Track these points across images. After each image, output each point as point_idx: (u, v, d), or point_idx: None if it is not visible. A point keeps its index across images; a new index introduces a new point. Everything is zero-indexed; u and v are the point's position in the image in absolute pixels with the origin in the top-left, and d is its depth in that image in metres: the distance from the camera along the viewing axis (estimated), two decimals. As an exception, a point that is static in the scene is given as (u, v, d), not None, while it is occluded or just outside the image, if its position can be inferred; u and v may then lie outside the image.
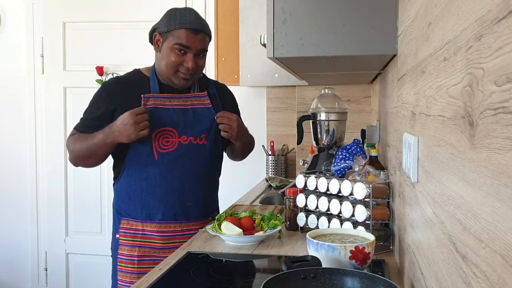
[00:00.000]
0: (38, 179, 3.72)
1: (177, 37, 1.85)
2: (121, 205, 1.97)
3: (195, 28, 1.86)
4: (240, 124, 1.98)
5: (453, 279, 0.72)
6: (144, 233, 1.92)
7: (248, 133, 2.10)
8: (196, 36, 1.86)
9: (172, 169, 1.91)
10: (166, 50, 1.88)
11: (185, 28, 1.85)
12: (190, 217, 1.95)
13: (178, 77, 1.90)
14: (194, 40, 1.86)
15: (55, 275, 3.71)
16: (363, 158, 1.69)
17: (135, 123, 1.79)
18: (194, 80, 1.97)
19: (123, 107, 1.86)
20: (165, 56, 1.88)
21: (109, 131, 1.84)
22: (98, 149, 1.88)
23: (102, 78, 3.49)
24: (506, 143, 0.48)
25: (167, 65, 1.88)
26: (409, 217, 1.21)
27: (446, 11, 0.77)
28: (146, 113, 1.83)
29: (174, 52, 1.86)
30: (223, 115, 1.94)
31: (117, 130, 1.82)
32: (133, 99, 1.89)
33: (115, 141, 1.85)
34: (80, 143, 1.91)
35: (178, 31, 1.85)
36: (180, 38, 1.85)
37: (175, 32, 1.86)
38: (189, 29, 1.85)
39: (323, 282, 1.06)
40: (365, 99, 3.11)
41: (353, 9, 1.49)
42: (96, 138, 1.86)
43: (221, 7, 3.25)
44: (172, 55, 1.86)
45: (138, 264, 1.90)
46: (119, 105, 1.89)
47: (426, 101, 0.95)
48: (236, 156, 2.18)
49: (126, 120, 1.80)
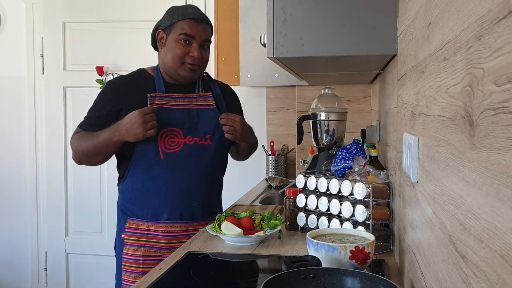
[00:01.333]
0: (38, 179, 3.72)
1: (180, 28, 1.88)
2: (127, 205, 1.97)
3: (198, 18, 1.90)
4: (243, 125, 1.98)
5: (453, 279, 0.72)
6: (149, 233, 1.92)
7: (253, 133, 2.11)
8: (199, 26, 1.89)
9: (178, 169, 1.91)
10: (171, 43, 1.90)
11: (188, 18, 1.88)
12: (195, 217, 1.96)
13: (185, 68, 1.91)
14: (197, 29, 1.89)
15: (55, 275, 3.71)
16: (363, 158, 1.69)
17: (143, 122, 1.79)
18: (201, 73, 1.98)
19: (129, 106, 1.86)
20: (171, 49, 1.90)
21: (116, 129, 1.84)
22: (103, 147, 1.88)
23: (102, 78, 3.49)
24: (506, 143, 0.48)
25: (173, 57, 1.89)
26: (409, 217, 1.21)
27: (446, 11, 0.77)
28: (154, 113, 1.83)
29: (179, 43, 1.88)
30: (226, 116, 1.95)
31: (125, 129, 1.81)
32: (139, 98, 1.89)
33: (121, 140, 1.85)
34: (84, 141, 1.90)
35: (182, 22, 1.88)
36: (184, 28, 1.88)
37: (179, 24, 1.88)
38: (192, 19, 1.89)
39: (323, 282, 1.06)
40: (365, 99, 3.11)
41: (353, 9, 1.48)
42: (102, 136, 1.86)
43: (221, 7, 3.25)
44: (177, 46, 1.88)
45: (143, 264, 1.90)
46: (125, 104, 1.89)
47: (426, 101, 0.95)
48: (240, 156, 2.19)
49: (134, 119, 1.80)
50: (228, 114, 1.96)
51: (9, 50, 3.71)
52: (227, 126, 1.94)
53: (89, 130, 1.92)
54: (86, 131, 1.93)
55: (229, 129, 1.94)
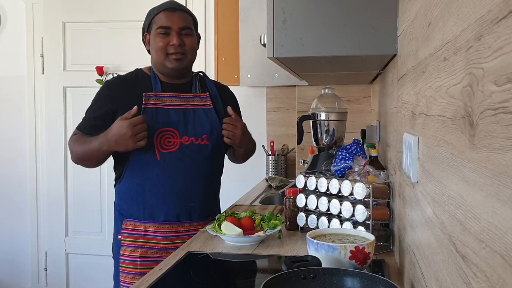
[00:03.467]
0: (38, 179, 3.72)
1: (157, 22, 1.93)
2: (123, 206, 1.97)
3: (171, 7, 1.94)
4: (244, 131, 1.98)
5: (453, 279, 0.72)
6: (146, 234, 1.92)
7: (252, 139, 2.10)
8: (173, 14, 1.93)
9: (174, 169, 1.91)
10: (153, 39, 1.94)
11: (162, 11, 1.93)
12: (192, 217, 1.96)
13: (170, 60, 1.92)
14: (172, 18, 1.92)
15: (55, 275, 3.71)
16: (363, 158, 1.69)
17: (133, 134, 1.78)
18: (188, 62, 1.97)
19: (125, 106, 1.86)
20: (153, 44, 1.94)
21: (105, 139, 1.82)
22: (94, 155, 1.89)
23: (102, 78, 3.48)
24: (506, 143, 0.48)
25: (157, 51, 1.93)
26: (409, 217, 1.21)
27: (446, 11, 0.77)
28: (144, 123, 1.81)
29: (159, 36, 1.92)
30: (229, 121, 1.94)
31: (114, 140, 1.80)
32: (135, 98, 1.89)
33: (111, 150, 1.86)
34: (79, 145, 1.91)
35: (156, 16, 1.93)
36: (160, 21, 1.92)
37: (155, 19, 1.93)
38: (165, 10, 1.93)
39: (323, 282, 1.06)
40: (365, 99, 3.11)
41: (353, 9, 1.48)
42: (93, 145, 1.86)
43: (221, 7, 3.25)
44: (157, 40, 1.92)
45: (141, 265, 1.90)
46: (122, 104, 1.89)
47: (426, 101, 0.95)
48: (237, 159, 2.19)
49: (124, 131, 1.77)
50: (230, 119, 1.95)
51: (9, 50, 3.71)
52: (227, 130, 1.94)
53: (86, 132, 1.92)
54: (82, 134, 1.93)
55: (228, 134, 1.93)
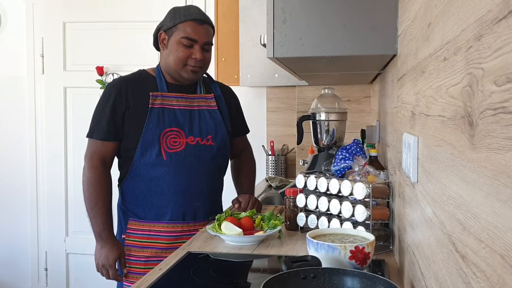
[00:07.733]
0: (38, 179, 3.72)
1: (183, 30, 1.87)
2: (128, 206, 1.96)
3: (200, 19, 1.88)
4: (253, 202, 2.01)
5: (453, 279, 0.72)
6: (151, 234, 1.92)
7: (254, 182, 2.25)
8: (201, 27, 1.88)
9: (180, 169, 1.91)
10: (173, 45, 1.89)
11: (190, 20, 1.87)
12: (197, 217, 1.96)
13: (187, 70, 1.90)
14: (200, 32, 1.87)
15: (55, 275, 3.71)
16: (363, 158, 1.69)
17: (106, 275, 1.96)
18: (202, 74, 1.97)
19: (133, 106, 1.87)
20: (173, 51, 1.89)
21: (99, 238, 1.94)
22: (90, 220, 1.94)
23: (102, 78, 3.48)
24: (506, 143, 0.48)
25: (176, 59, 1.88)
26: (409, 217, 1.21)
27: (446, 11, 0.77)
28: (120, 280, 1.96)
29: (182, 46, 1.87)
30: (242, 199, 1.99)
31: (97, 254, 1.96)
32: (142, 98, 1.89)
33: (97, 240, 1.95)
34: (89, 195, 1.91)
35: (184, 24, 1.87)
36: (186, 31, 1.86)
37: (181, 26, 1.87)
38: (194, 20, 1.87)
39: (323, 282, 1.06)
40: (365, 99, 3.11)
41: (353, 9, 1.48)
42: (93, 221, 1.92)
43: (221, 7, 3.25)
44: (179, 49, 1.87)
45: (145, 264, 1.90)
46: (130, 103, 1.89)
47: (426, 101, 0.95)
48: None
49: (104, 261, 1.94)
50: (246, 200, 1.98)
51: (9, 50, 3.71)
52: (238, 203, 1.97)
53: (103, 140, 1.89)
54: (96, 180, 1.90)
55: (238, 206, 1.96)
